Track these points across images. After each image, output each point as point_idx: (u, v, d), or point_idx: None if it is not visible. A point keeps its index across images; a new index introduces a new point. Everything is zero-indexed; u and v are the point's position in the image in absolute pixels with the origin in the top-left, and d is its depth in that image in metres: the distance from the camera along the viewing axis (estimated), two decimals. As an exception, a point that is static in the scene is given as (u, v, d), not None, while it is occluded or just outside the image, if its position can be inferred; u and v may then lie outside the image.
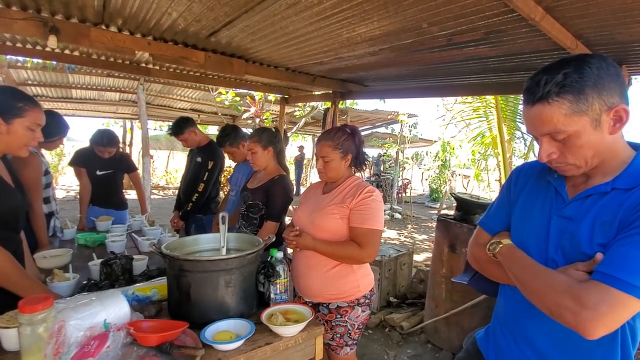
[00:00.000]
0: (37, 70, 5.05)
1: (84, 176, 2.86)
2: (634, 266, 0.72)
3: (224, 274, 1.25)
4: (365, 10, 1.78)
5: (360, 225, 1.61)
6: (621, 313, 0.73)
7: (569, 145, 0.83)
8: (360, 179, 1.77)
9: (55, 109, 8.36)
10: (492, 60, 2.46)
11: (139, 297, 1.39)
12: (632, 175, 0.82)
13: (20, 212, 1.39)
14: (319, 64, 3.14)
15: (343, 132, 1.71)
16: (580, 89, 0.78)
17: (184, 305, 1.25)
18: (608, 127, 0.81)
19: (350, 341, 1.71)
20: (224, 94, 6.23)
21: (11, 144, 1.30)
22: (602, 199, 0.85)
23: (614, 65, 0.81)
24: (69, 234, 2.42)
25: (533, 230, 0.97)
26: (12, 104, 1.29)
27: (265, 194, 2.10)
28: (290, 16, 1.96)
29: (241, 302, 1.29)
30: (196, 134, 2.99)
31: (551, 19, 1.58)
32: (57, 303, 1.07)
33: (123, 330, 1.07)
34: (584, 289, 0.76)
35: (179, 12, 2.06)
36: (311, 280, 1.70)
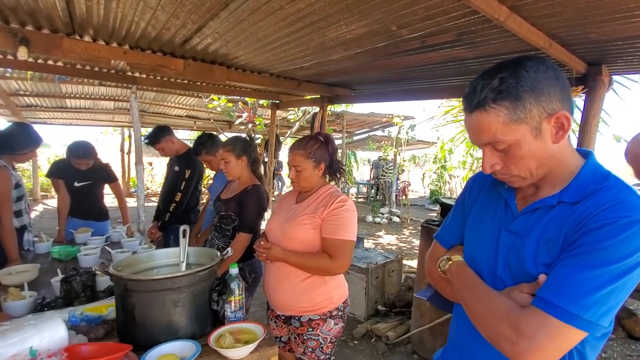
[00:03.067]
0: (26, 80, 5.05)
1: (61, 188, 2.83)
2: (574, 292, 0.65)
3: (171, 293, 1.19)
4: (329, 14, 1.73)
5: (332, 235, 1.55)
6: (560, 344, 0.66)
7: (511, 155, 0.77)
8: (334, 187, 1.71)
9: (51, 118, 8.41)
10: (471, 62, 2.40)
11: (89, 318, 1.33)
12: (578, 187, 0.76)
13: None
14: (300, 69, 3.09)
15: (315, 141, 1.65)
16: (516, 94, 0.72)
17: (129, 327, 1.19)
18: (550, 136, 0.75)
19: (322, 355, 1.65)
20: (216, 100, 6.21)
21: None
22: (548, 213, 0.78)
23: (553, 68, 0.74)
24: (42, 247, 2.38)
25: (483, 246, 0.90)
26: None
27: (239, 204, 2.05)
28: (256, 22, 1.91)
29: (192, 322, 1.23)
30: (173, 142, 2.95)
31: (518, 19, 1.51)
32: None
33: (57, 356, 1.01)
34: (522, 316, 0.69)
35: (145, 20, 2.03)
36: (282, 293, 1.64)
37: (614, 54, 2.03)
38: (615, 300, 0.65)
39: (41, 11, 1.96)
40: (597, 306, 0.64)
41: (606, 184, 0.73)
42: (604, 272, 0.64)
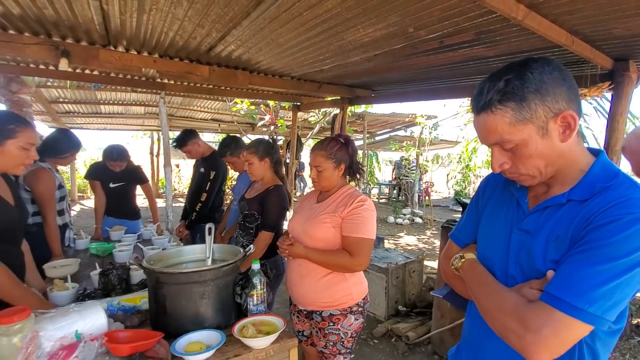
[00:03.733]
0: (65, 88, 5.41)
1: (98, 189, 3.03)
2: (580, 287, 0.67)
3: (198, 285, 1.28)
4: (347, 19, 1.78)
5: (352, 234, 1.60)
6: (566, 337, 0.68)
7: (518, 155, 0.79)
8: (354, 188, 1.76)
9: (87, 124, 8.93)
10: (492, 60, 2.38)
11: (124, 307, 1.45)
12: (588, 185, 0.77)
13: (18, 227, 1.50)
14: (320, 72, 3.16)
15: (336, 142, 1.71)
16: (522, 95, 0.74)
17: (161, 316, 1.29)
18: (558, 135, 0.76)
19: (343, 349, 1.70)
20: (240, 104, 6.39)
21: (6, 164, 1.40)
22: (558, 211, 0.79)
23: (559, 69, 0.76)
24: (81, 244, 2.56)
25: (496, 244, 0.92)
26: (4, 127, 1.38)
27: (261, 204, 2.13)
28: (276, 29, 1.99)
29: (217, 313, 1.31)
30: (199, 145, 3.08)
31: (537, 17, 1.51)
32: (42, 313, 1.14)
33: (98, 340, 1.11)
34: (529, 310, 0.71)
35: (173, 31, 2.15)
36: (304, 289, 1.70)
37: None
38: (621, 295, 0.66)
39: (80, 25, 2.12)
40: (602, 300, 0.65)
41: (614, 182, 0.74)
42: (609, 267, 0.66)
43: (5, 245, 1.40)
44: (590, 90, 1.92)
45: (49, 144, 2.43)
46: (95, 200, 3.08)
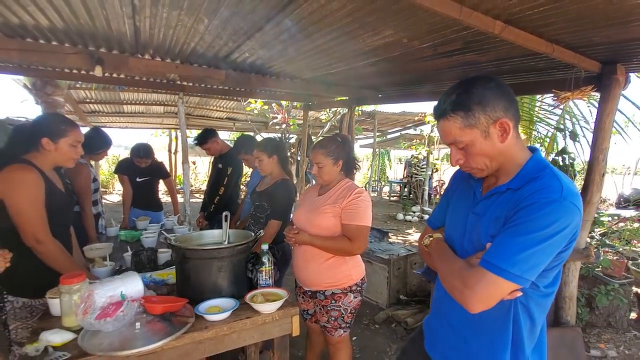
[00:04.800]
0: (92, 90, 5.80)
1: (126, 183, 3.35)
2: (506, 253, 0.88)
3: (217, 261, 1.53)
4: (348, 32, 2.00)
5: (350, 222, 1.82)
6: (494, 292, 0.88)
7: (469, 152, 1.00)
8: (351, 182, 1.98)
9: (110, 122, 9.39)
10: (485, 65, 2.55)
11: (155, 280, 1.72)
12: (521, 177, 0.97)
13: (68, 211, 1.79)
14: (327, 75, 3.37)
15: (334, 141, 1.93)
16: (468, 106, 0.95)
17: (185, 286, 1.55)
18: (497, 137, 0.97)
19: (343, 324, 1.93)
20: (253, 103, 6.66)
21: (59, 159, 1.68)
22: (499, 198, 1.00)
23: (498, 85, 0.97)
24: (112, 231, 2.87)
25: (456, 226, 1.13)
26: (57, 127, 1.67)
27: (270, 196, 2.37)
28: (286, 39, 2.23)
29: (232, 285, 1.57)
30: (218, 143, 3.36)
31: (515, 30, 1.69)
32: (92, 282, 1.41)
33: (137, 301, 1.38)
34: (469, 273, 0.92)
35: (195, 41, 2.41)
36: (308, 272, 1.94)
37: (628, 53, 2.09)
38: (537, 259, 0.87)
39: (114, 37, 2.41)
40: (522, 263, 0.86)
41: (541, 174, 0.94)
42: (527, 238, 0.86)
43: (60, 226, 1.69)
44: (573, 94, 2.07)
45: (85, 142, 2.73)
46: (123, 193, 3.40)
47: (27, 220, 1.52)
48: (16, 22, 2.10)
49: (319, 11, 1.74)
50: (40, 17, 2.01)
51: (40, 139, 1.62)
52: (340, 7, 1.67)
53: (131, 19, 2.00)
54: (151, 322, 1.34)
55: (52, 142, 1.64)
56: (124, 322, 1.28)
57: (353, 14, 1.73)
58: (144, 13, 1.92)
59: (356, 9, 1.68)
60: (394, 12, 1.68)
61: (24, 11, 1.91)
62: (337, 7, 1.67)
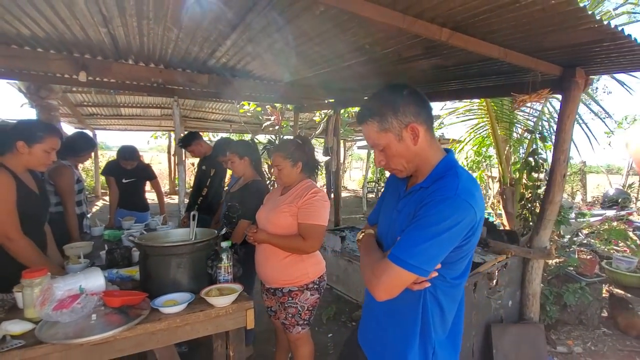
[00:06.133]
0: (89, 93, 5.94)
1: (112, 184, 3.45)
2: (406, 246, 0.95)
3: (176, 257, 1.62)
4: (312, 37, 2.09)
5: (304, 220, 1.89)
6: (396, 281, 0.96)
7: (387, 154, 1.08)
8: (310, 182, 2.05)
9: (110, 125, 9.56)
10: (453, 69, 2.62)
11: (122, 276, 1.81)
12: (432, 176, 1.05)
13: (42, 211, 1.89)
14: (306, 78, 3.46)
15: (293, 143, 2.01)
16: (382, 112, 1.03)
17: (147, 281, 1.64)
18: (410, 140, 1.04)
19: (301, 321, 2.00)
20: (246, 105, 6.77)
21: (32, 162, 1.78)
22: (414, 196, 1.08)
23: (411, 92, 1.04)
24: (96, 231, 2.97)
25: (385, 222, 1.21)
26: (35, 133, 1.77)
27: (241, 196, 2.45)
28: (254, 48, 2.32)
29: (191, 280, 1.65)
30: (202, 145, 3.45)
31: (463, 36, 1.76)
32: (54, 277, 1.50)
33: (97, 295, 1.47)
34: (377, 264, 1.00)
35: (171, 48, 2.52)
36: (268, 269, 2.01)
37: (587, 57, 2.15)
38: (433, 252, 0.94)
39: (94, 44, 2.51)
40: (419, 255, 0.93)
41: (447, 173, 1.02)
42: (422, 233, 0.94)
43: (32, 225, 1.78)
44: (530, 97, 2.13)
45: (68, 145, 2.84)
46: (109, 194, 3.51)
47: (-3, 218, 1.62)
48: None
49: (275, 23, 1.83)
50: (20, 26, 2.12)
51: (16, 141, 1.72)
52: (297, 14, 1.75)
53: (105, 28, 2.10)
54: (108, 314, 1.43)
55: (26, 146, 1.73)
56: (81, 314, 1.37)
57: (308, 22, 1.82)
58: (115, 22, 2.02)
59: (311, 17, 1.76)
60: (347, 20, 1.76)
61: (3, 21, 2.02)
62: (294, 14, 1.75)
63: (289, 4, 1.58)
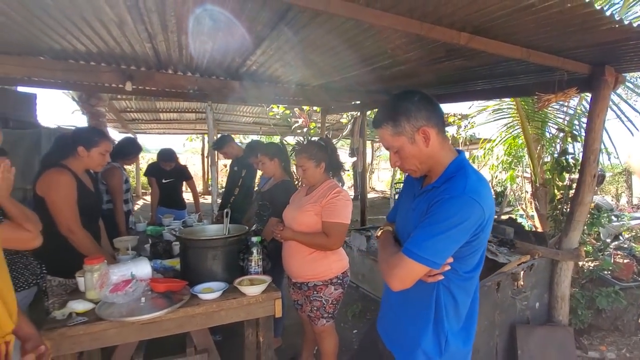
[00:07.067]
0: (131, 100, 6.41)
1: (153, 184, 3.75)
2: (417, 240, 1.04)
3: (212, 250, 1.79)
4: (333, 46, 2.20)
5: (328, 219, 2.01)
6: (410, 273, 1.04)
7: (401, 156, 1.17)
8: (334, 182, 2.16)
9: (149, 129, 10.19)
10: (478, 69, 2.63)
11: (165, 266, 2.02)
12: (444, 176, 1.12)
13: (97, 207, 2.14)
14: (333, 82, 3.58)
15: (316, 145, 2.13)
16: (395, 117, 1.12)
17: (187, 270, 1.82)
18: (422, 143, 1.13)
19: (325, 314, 2.11)
20: (275, 108, 6.99)
21: (90, 164, 2.03)
22: (427, 195, 1.16)
23: (422, 98, 1.12)
24: (140, 227, 3.26)
25: (401, 220, 1.30)
26: (92, 138, 2.01)
27: (271, 196, 2.61)
28: (281, 56, 2.47)
29: (225, 271, 1.81)
30: (233, 147, 3.67)
31: (483, 39, 1.80)
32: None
33: (145, 281, 1.67)
34: (393, 257, 1.09)
35: (206, 59, 2.72)
36: (293, 264, 2.14)
37: (616, 55, 2.11)
38: (442, 246, 1.02)
39: (140, 57, 2.77)
40: (429, 249, 1.02)
41: (457, 174, 1.09)
42: (432, 228, 1.02)
43: (89, 219, 2.03)
44: (556, 96, 2.11)
45: (118, 148, 3.15)
46: (151, 193, 3.81)
47: (62, 214, 1.87)
48: (58, 48, 2.50)
49: (302, 32, 1.95)
50: (77, 44, 2.39)
51: (77, 146, 1.97)
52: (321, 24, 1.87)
53: (149, 43, 2.33)
54: (155, 298, 1.62)
55: (85, 150, 1.98)
56: (132, 297, 1.56)
57: (332, 31, 1.93)
58: (159, 37, 2.23)
59: (335, 26, 1.87)
60: (369, 28, 1.85)
61: (63, 40, 2.29)
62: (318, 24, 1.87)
63: (313, 15, 1.71)
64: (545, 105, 2.15)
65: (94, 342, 1.44)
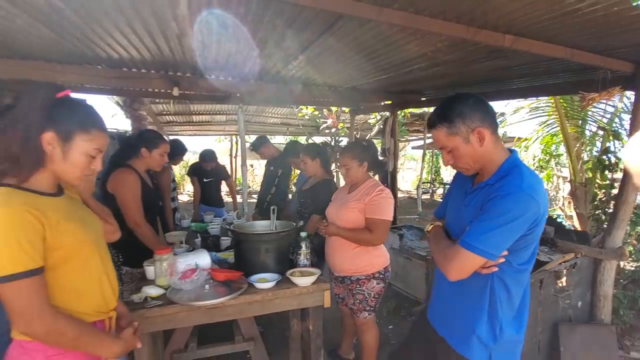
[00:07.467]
0: (168, 104, 6.73)
1: (196, 183, 3.97)
2: (475, 233, 1.11)
3: (264, 243, 1.92)
4: (375, 50, 2.29)
5: (372, 215, 2.10)
6: (467, 264, 1.12)
7: (455, 155, 1.25)
8: (376, 180, 2.26)
9: (182, 131, 10.61)
10: (518, 68, 2.64)
11: (219, 258, 2.18)
12: (497, 174, 1.19)
13: (156, 203, 2.33)
14: (367, 84, 3.66)
15: (359, 145, 2.23)
16: (450, 118, 1.20)
17: (241, 262, 1.97)
18: (476, 143, 1.20)
19: (367, 307, 2.21)
20: (304, 109, 7.14)
21: (152, 164, 2.22)
22: (481, 191, 1.23)
23: (476, 100, 1.20)
24: (185, 223, 3.47)
25: (452, 215, 1.38)
26: (153, 140, 2.20)
27: (313, 194, 2.73)
28: (322, 61, 2.58)
29: (276, 263, 1.94)
30: (270, 148, 3.82)
31: (527, 41, 1.84)
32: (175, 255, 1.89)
33: (206, 271, 1.82)
34: (449, 249, 1.18)
35: (251, 63, 2.88)
36: (336, 259, 2.25)
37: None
38: (498, 239, 1.09)
39: (188, 63, 2.96)
40: (486, 241, 1.09)
41: (512, 171, 1.16)
42: (489, 222, 1.09)
43: (151, 215, 2.22)
44: (600, 95, 2.11)
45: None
46: (194, 192, 4.04)
47: (129, 209, 2.06)
48: (116, 57, 2.72)
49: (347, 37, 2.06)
50: (135, 53, 2.60)
51: (141, 148, 2.16)
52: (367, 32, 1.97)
53: (202, 52, 2.51)
54: (216, 286, 1.76)
55: (148, 151, 2.18)
56: (197, 284, 1.72)
57: (377, 36, 2.02)
58: (213, 47, 2.40)
59: (379, 32, 1.96)
60: (413, 32, 1.93)
61: (123, 50, 2.50)
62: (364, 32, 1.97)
63: (361, 23, 1.81)
64: (589, 104, 2.15)
65: (167, 323, 1.61)
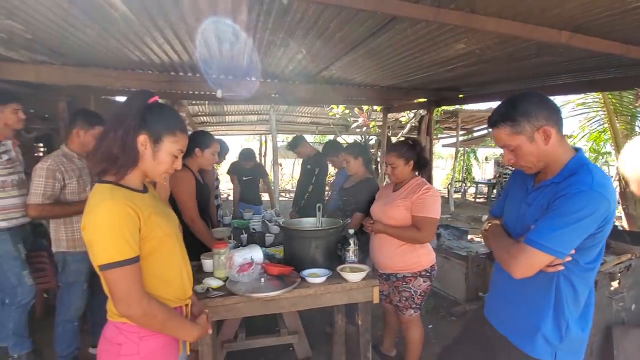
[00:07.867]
0: (204, 105, 6.98)
1: (235, 181, 4.11)
2: (543, 231, 1.12)
3: (314, 240, 1.98)
4: (420, 49, 2.29)
5: (419, 214, 2.12)
6: (533, 261, 1.13)
7: (518, 154, 1.25)
8: (422, 179, 2.27)
9: (215, 131, 10.92)
10: (566, 64, 2.56)
11: (268, 254, 2.27)
12: (564, 172, 1.19)
13: (207, 200, 2.45)
14: (406, 81, 3.65)
15: (405, 144, 2.25)
16: (514, 117, 1.21)
17: (291, 258, 2.04)
18: (542, 141, 1.20)
19: (414, 305, 2.22)
20: (335, 108, 7.19)
21: (204, 163, 2.35)
22: (545, 190, 1.23)
23: (541, 99, 1.20)
24: (227, 220, 3.61)
25: (512, 213, 1.38)
26: (205, 141, 2.32)
27: (356, 192, 2.77)
28: (364, 61, 2.61)
29: (326, 259, 2.00)
30: (306, 147, 3.90)
31: (584, 37, 1.79)
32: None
33: (260, 265, 1.91)
34: (514, 247, 1.18)
35: (293, 65, 2.96)
36: (382, 256, 2.28)
37: None
38: (568, 237, 1.09)
39: (232, 66, 3.08)
40: (555, 239, 1.09)
41: (579, 170, 1.15)
42: (558, 220, 1.09)
43: (203, 211, 2.35)
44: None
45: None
46: (233, 190, 4.19)
47: (186, 206, 2.19)
48: (167, 60, 2.87)
49: (395, 37, 2.08)
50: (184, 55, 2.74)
51: (194, 148, 2.29)
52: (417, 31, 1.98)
53: (250, 56, 2.61)
54: (271, 280, 1.85)
55: (201, 151, 2.30)
56: (253, 277, 1.81)
57: (425, 35, 2.03)
58: (262, 50, 2.49)
59: (428, 32, 1.97)
60: (463, 32, 1.93)
61: (175, 54, 2.64)
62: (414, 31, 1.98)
63: (412, 23, 1.82)
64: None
65: (227, 313, 1.71)
